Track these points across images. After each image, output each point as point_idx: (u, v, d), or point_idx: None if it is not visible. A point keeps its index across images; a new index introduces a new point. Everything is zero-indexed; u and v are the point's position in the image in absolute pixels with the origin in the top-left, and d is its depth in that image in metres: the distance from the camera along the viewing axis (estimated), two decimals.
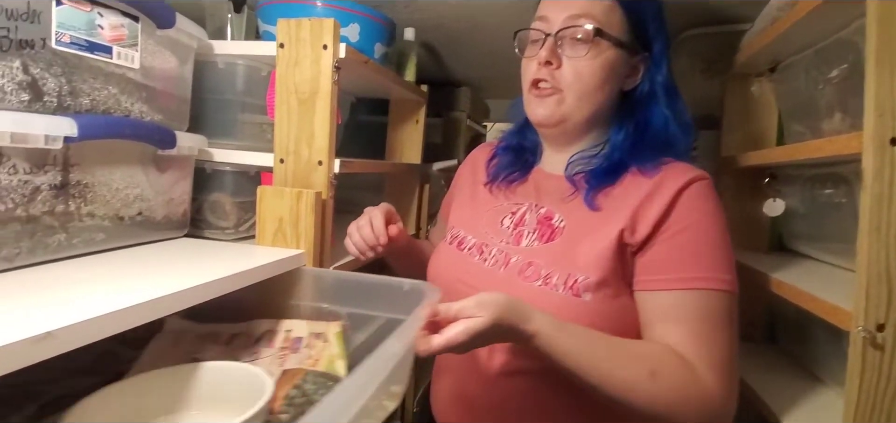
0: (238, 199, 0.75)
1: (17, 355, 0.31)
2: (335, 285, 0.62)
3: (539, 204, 0.64)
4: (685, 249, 0.54)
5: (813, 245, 0.80)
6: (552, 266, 0.57)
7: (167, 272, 0.50)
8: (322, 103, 0.68)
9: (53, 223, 0.48)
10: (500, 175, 0.69)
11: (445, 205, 0.81)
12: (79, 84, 0.51)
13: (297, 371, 0.51)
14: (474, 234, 0.66)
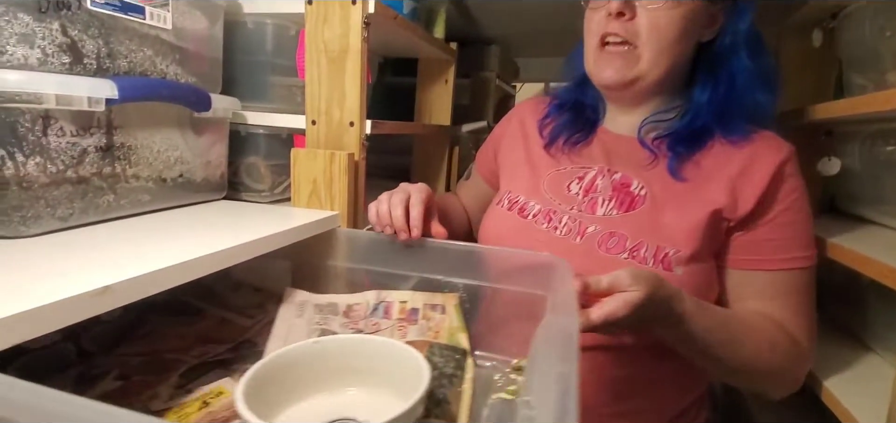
0: (272, 162, 0.76)
1: (80, 307, 0.32)
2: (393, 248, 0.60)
3: (612, 169, 0.60)
4: (787, 230, 0.54)
5: (870, 207, 0.76)
6: (639, 237, 0.54)
7: (212, 231, 0.51)
8: (352, 62, 0.67)
9: (102, 184, 0.50)
10: (561, 136, 0.65)
11: (485, 160, 0.77)
12: (115, 46, 0.52)
13: (421, 343, 0.51)
14: (538, 199, 0.62)
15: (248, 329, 0.56)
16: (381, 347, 0.45)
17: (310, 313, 0.56)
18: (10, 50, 0.43)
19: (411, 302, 0.57)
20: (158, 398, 0.43)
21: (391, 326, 0.55)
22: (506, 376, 0.52)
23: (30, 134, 0.43)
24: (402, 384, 0.40)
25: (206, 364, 0.48)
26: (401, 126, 0.83)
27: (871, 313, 0.71)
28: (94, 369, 0.46)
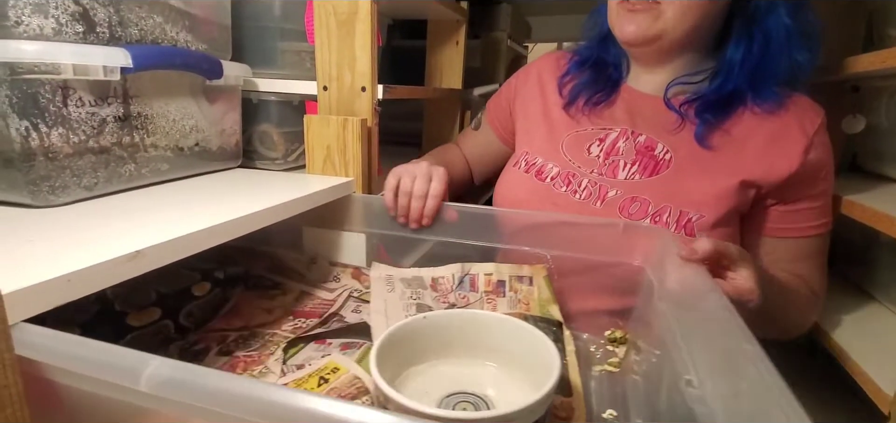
0: (284, 129, 0.77)
1: (111, 272, 0.34)
2: None
3: (636, 131, 0.59)
4: (820, 199, 0.56)
5: (894, 165, 0.75)
6: (662, 202, 0.54)
7: (232, 198, 0.53)
8: (362, 25, 0.67)
9: (123, 154, 0.52)
10: (582, 96, 0.63)
11: (498, 113, 0.76)
12: (126, 14, 0.52)
13: (514, 316, 0.50)
14: (556, 161, 0.61)
15: (332, 303, 0.56)
16: (512, 327, 0.43)
17: (400, 287, 0.56)
18: (25, 20, 0.44)
19: (497, 274, 0.56)
20: (270, 372, 0.44)
21: (480, 298, 0.55)
22: (602, 348, 0.52)
23: (51, 105, 0.44)
24: (530, 368, 0.40)
25: (302, 338, 0.49)
26: (412, 90, 0.82)
27: (884, 270, 0.71)
28: (194, 344, 0.48)
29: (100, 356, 0.26)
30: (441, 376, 0.43)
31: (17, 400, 0.27)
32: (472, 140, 0.81)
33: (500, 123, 0.76)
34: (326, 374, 0.43)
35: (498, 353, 0.44)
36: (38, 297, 0.29)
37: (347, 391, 0.41)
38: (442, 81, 1.05)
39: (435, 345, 0.44)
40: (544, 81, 0.69)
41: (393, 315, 0.51)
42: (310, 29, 0.73)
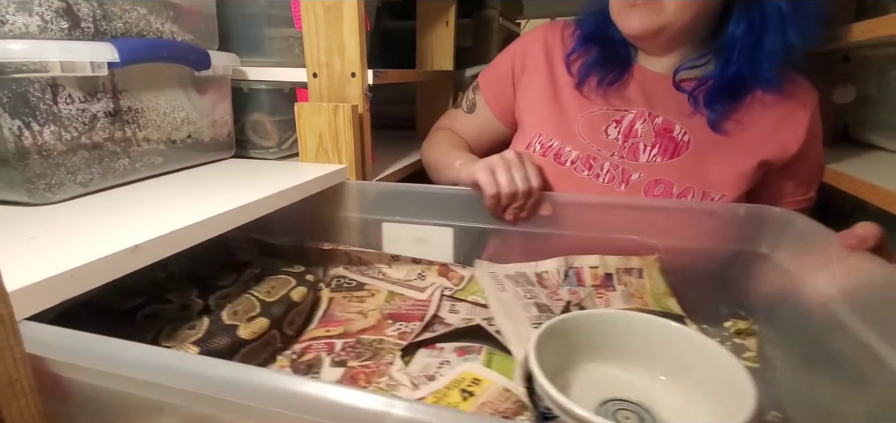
0: (276, 117, 0.77)
1: (112, 267, 0.35)
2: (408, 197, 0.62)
3: (653, 113, 0.60)
4: (816, 172, 0.62)
5: (883, 134, 0.76)
6: (686, 183, 0.56)
7: (228, 189, 0.54)
8: (349, 9, 0.67)
9: (116, 149, 0.52)
10: (593, 76, 0.62)
11: (498, 90, 0.71)
12: (109, 7, 0.52)
13: (632, 310, 0.49)
14: (574, 145, 0.61)
15: (426, 303, 0.55)
16: (696, 343, 0.40)
17: (510, 286, 0.54)
18: (10, 19, 0.44)
19: (603, 267, 0.55)
20: (400, 384, 0.42)
21: (589, 293, 0.54)
22: (729, 340, 0.50)
23: (41, 103, 0.45)
24: (708, 386, 0.37)
25: (414, 345, 0.48)
26: (403, 74, 0.82)
27: None
28: (302, 355, 0.47)
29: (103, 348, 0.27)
30: (599, 379, 0.41)
31: (28, 392, 0.28)
32: (467, 123, 0.76)
33: (500, 101, 0.72)
34: (468, 386, 0.41)
35: (666, 363, 0.41)
36: (43, 293, 0.30)
37: (505, 407, 0.38)
38: (433, 63, 1.05)
39: (592, 345, 0.42)
40: (552, 55, 0.67)
41: (514, 316, 0.49)
42: (297, 15, 0.73)
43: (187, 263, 0.53)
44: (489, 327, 0.48)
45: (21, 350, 0.28)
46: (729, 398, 0.35)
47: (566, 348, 0.41)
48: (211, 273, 0.53)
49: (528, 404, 0.37)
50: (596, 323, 0.43)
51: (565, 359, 0.41)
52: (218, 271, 0.53)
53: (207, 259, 0.54)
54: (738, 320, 0.52)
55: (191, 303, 0.46)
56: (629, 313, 0.45)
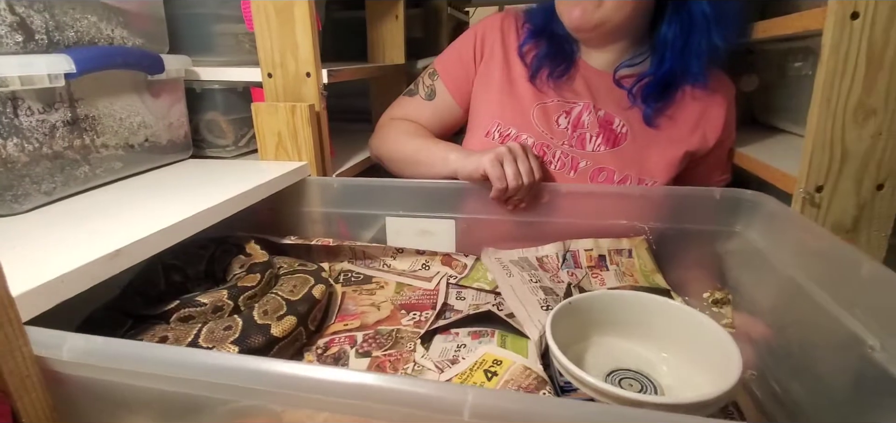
0: (231, 116, 0.80)
1: (96, 271, 0.39)
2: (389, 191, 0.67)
3: (597, 106, 0.67)
4: (728, 154, 0.71)
5: (782, 117, 0.89)
6: (625, 170, 0.65)
7: (195, 190, 0.57)
8: (300, 11, 0.70)
9: (76, 157, 0.54)
10: (544, 69, 0.69)
11: (460, 76, 0.74)
12: (61, 17, 0.54)
13: (624, 289, 0.56)
14: (530, 132, 0.67)
15: (435, 292, 0.59)
16: (689, 317, 0.46)
17: (516, 272, 0.58)
18: None
19: (596, 249, 0.61)
20: (427, 369, 0.45)
21: (585, 275, 0.59)
22: (708, 309, 0.57)
23: (3, 117, 0.47)
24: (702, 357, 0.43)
25: (430, 332, 0.52)
26: (357, 71, 0.87)
27: None
28: (327, 349, 0.50)
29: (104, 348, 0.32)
30: (606, 351, 0.47)
31: (38, 387, 0.32)
32: (426, 110, 0.76)
33: (460, 86, 0.74)
34: (490, 367, 0.44)
35: (663, 335, 0.47)
36: (39, 298, 0.34)
37: (527, 384, 0.42)
38: (385, 56, 1.10)
39: (599, 322, 0.48)
40: (508, 45, 0.72)
41: (525, 299, 0.53)
42: (248, 15, 0.76)
43: (205, 264, 0.56)
44: (499, 311, 0.53)
45: (29, 350, 0.32)
46: (718, 363, 0.41)
47: (577, 326, 0.47)
48: (230, 273, 0.56)
49: (547, 378, 0.42)
50: (602, 303, 0.49)
51: (577, 335, 0.47)
52: (237, 271, 0.56)
53: (221, 259, 0.58)
54: (715, 291, 0.60)
55: (223, 304, 0.49)
56: (630, 293, 0.51)
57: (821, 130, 0.57)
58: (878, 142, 0.55)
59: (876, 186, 0.57)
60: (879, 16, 0.52)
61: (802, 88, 0.79)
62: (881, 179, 0.56)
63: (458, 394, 0.25)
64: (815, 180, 0.58)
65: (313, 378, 0.29)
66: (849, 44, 0.53)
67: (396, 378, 0.28)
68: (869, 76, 0.53)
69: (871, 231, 0.59)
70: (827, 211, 0.59)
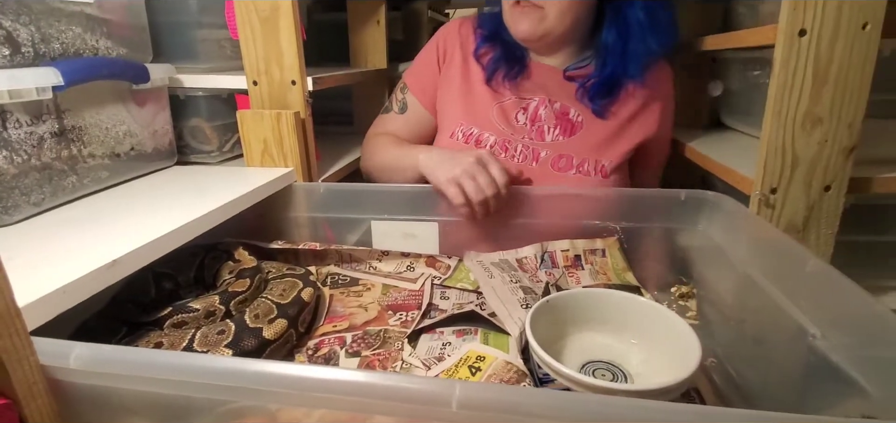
0: (215, 122, 0.81)
1: (95, 281, 0.41)
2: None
3: (552, 99, 0.72)
4: (669, 134, 0.78)
5: (742, 121, 0.95)
6: (582, 155, 0.70)
7: (184, 198, 0.58)
8: (285, 20, 0.72)
9: (64, 167, 0.55)
10: (500, 71, 0.73)
11: (427, 86, 0.78)
12: (46, 29, 0.55)
13: (598, 286, 0.59)
14: (491, 130, 0.72)
15: (420, 293, 0.61)
16: (655, 312, 0.51)
17: (496, 273, 0.61)
18: None
19: (573, 249, 0.64)
20: (414, 367, 0.47)
21: (562, 274, 0.63)
22: (675, 303, 0.61)
23: None
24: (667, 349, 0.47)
25: (417, 331, 0.54)
26: (341, 77, 0.89)
27: None
28: (317, 350, 0.51)
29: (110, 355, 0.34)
30: (582, 345, 0.51)
31: (44, 394, 0.34)
32: (401, 124, 0.81)
33: (428, 93, 0.79)
34: (474, 363, 0.47)
35: (633, 329, 0.51)
36: (43, 308, 0.36)
37: (508, 377, 0.44)
38: (367, 61, 1.11)
39: (576, 319, 0.51)
40: (466, 50, 0.77)
41: (506, 299, 0.56)
42: (231, 23, 0.77)
43: (195, 271, 0.58)
44: (482, 310, 0.57)
45: (35, 359, 0.33)
46: (680, 353, 0.46)
47: (554, 323, 0.50)
48: (219, 279, 0.58)
49: (527, 371, 0.45)
50: (578, 300, 0.53)
51: (554, 331, 0.50)
52: (226, 277, 0.57)
53: (211, 265, 0.59)
54: (681, 286, 0.64)
55: (215, 309, 0.51)
56: (603, 291, 0.55)
57: (773, 137, 0.62)
58: (825, 148, 0.60)
59: (823, 188, 0.62)
60: (824, 33, 0.57)
61: (760, 94, 0.85)
62: (828, 181, 0.62)
63: (446, 388, 0.28)
64: (770, 183, 0.64)
65: (309, 378, 0.32)
66: (797, 59, 0.58)
67: (388, 375, 0.31)
68: (815, 88, 0.59)
69: (820, 229, 0.64)
70: (781, 211, 0.65)
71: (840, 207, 0.63)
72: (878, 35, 0.55)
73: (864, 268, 0.72)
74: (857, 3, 0.55)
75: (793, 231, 0.64)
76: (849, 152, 0.60)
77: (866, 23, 0.55)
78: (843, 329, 0.40)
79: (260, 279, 0.58)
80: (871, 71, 0.57)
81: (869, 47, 0.56)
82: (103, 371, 0.33)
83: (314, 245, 0.68)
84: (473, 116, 0.74)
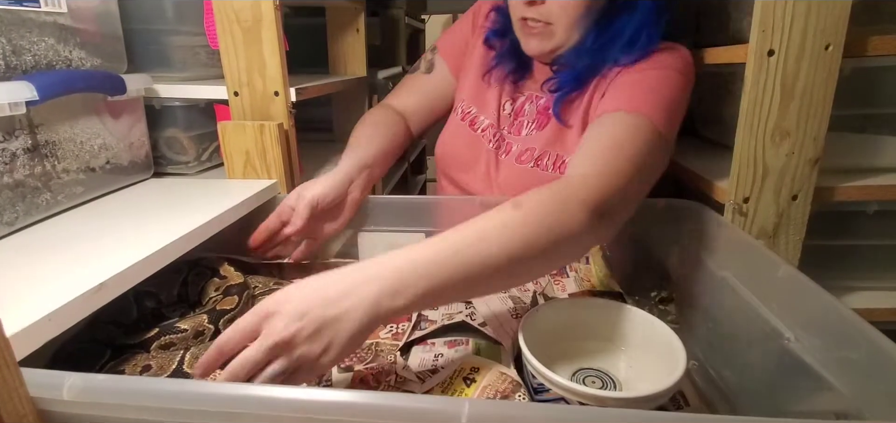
0: (192, 132, 0.79)
1: (81, 306, 0.40)
2: None
3: (539, 96, 0.73)
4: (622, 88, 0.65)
5: (717, 131, 1.00)
6: (545, 149, 0.69)
7: (167, 214, 0.57)
8: (268, 31, 0.71)
9: (37, 184, 0.53)
10: (504, 65, 0.74)
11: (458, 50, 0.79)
12: (18, 41, 0.53)
13: (582, 293, 0.60)
14: (486, 114, 0.74)
15: None
16: (641, 319, 0.52)
17: None
18: None
19: None
20: (409, 381, 0.47)
21: (549, 282, 0.63)
22: (656, 307, 0.63)
23: None
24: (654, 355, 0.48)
25: (408, 344, 0.53)
26: (323, 87, 0.88)
27: None
28: None
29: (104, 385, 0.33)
30: (572, 353, 0.52)
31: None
32: (423, 85, 0.81)
33: (457, 59, 0.79)
34: (469, 374, 0.47)
35: (621, 336, 0.53)
36: (30, 337, 0.35)
37: (504, 387, 0.45)
38: (346, 69, 1.11)
39: (567, 326, 0.53)
40: (483, 33, 0.78)
41: (495, 309, 0.57)
42: (210, 33, 0.76)
43: (178, 289, 0.56)
44: (472, 321, 0.57)
45: (25, 391, 0.32)
46: (667, 359, 0.47)
47: (545, 332, 0.51)
48: (205, 296, 0.56)
49: (520, 382, 0.45)
50: (566, 309, 0.54)
51: (544, 339, 0.50)
52: (212, 294, 0.56)
53: (195, 282, 0.58)
54: (661, 291, 0.66)
55: (203, 329, 0.50)
56: (591, 299, 0.56)
57: (745, 149, 0.66)
58: (792, 159, 0.65)
59: (791, 197, 0.66)
60: (791, 53, 0.61)
61: (729, 105, 0.89)
62: (795, 191, 0.66)
63: (456, 406, 0.29)
64: (743, 193, 0.68)
65: (313, 401, 0.32)
66: (766, 76, 0.62)
67: (395, 396, 0.31)
68: (783, 104, 0.63)
69: (788, 235, 0.69)
70: (753, 219, 0.69)
71: (807, 214, 0.67)
72: (839, 55, 0.60)
73: (830, 270, 0.77)
74: (821, 27, 0.59)
75: (764, 237, 0.69)
76: (814, 163, 0.64)
77: (829, 44, 0.60)
78: (814, 332, 0.43)
79: (248, 296, 0.57)
80: (834, 88, 0.61)
81: (831, 66, 0.60)
82: (98, 401, 0.32)
83: (300, 258, 0.68)
84: (477, 95, 0.76)
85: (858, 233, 0.76)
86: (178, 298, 0.58)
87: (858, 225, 0.75)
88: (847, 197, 0.70)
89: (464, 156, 0.74)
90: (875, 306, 0.74)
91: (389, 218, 0.70)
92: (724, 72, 0.91)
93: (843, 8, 0.59)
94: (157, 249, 0.46)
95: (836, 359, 0.41)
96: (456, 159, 0.75)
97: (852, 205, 0.73)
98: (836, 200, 0.70)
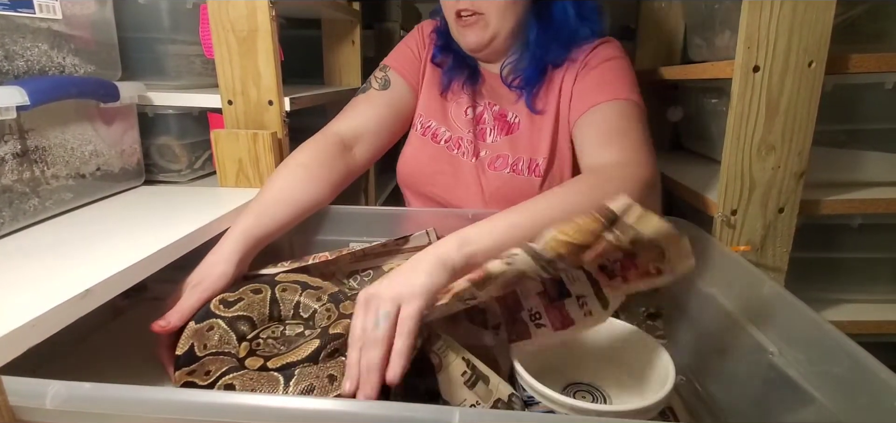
0: (185, 140, 0.79)
1: (66, 313, 0.39)
2: None
3: (492, 103, 0.75)
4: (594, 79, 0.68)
5: (701, 144, 1.01)
6: (517, 154, 0.71)
7: (159, 221, 0.56)
8: (263, 42, 0.71)
9: (25, 190, 0.52)
10: (455, 81, 0.77)
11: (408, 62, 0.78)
12: (10, 46, 0.52)
13: None
14: (446, 126, 0.76)
15: None
16: (630, 334, 0.53)
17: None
18: None
19: None
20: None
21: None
22: (644, 322, 0.63)
23: None
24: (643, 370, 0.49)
25: None
26: (317, 97, 0.88)
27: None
28: None
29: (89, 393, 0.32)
30: (564, 368, 0.52)
31: None
32: (379, 102, 0.75)
33: (412, 72, 0.78)
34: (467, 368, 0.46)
35: (611, 351, 0.54)
36: (11, 344, 0.34)
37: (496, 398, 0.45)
38: (341, 80, 1.12)
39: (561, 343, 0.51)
40: (430, 52, 0.80)
41: None
42: (206, 42, 0.75)
43: (268, 307, 0.54)
44: None
45: (4, 399, 0.31)
46: (655, 373, 0.48)
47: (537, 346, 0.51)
48: (305, 311, 0.55)
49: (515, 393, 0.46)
50: None
51: (537, 355, 0.51)
52: (315, 307, 0.54)
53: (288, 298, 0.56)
54: (649, 306, 0.67)
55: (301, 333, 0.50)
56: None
57: (732, 163, 0.67)
58: (778, 173, 0.65)
59: (778, 210, 0.67)
60: (775, 69, 0.62)
61: (717, 120, 0.90)
62: (781, 203, 0.67)
63: (446, 415, 0.29)
64: (730, 205, 0.68)
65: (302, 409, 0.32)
66: (752, 92, 0.63)
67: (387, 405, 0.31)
68: (768, 119, 0.64)
69: (775, 247, 0.69)
70: (740, 231, 0.69)
71: (793, 226, 0.68)
72: (822, 72, 0.61)
73: (816, 282, 0.78)
74: (804, 44, 0.60)
75: (752, 249, 0.69)
76: (799, 177, 0.65)
77: (812, 61, 0.61)
78: (798, 347, 0.44)
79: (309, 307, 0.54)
80: (817, 103, 0.62)
81: (814, 82, 0.61)
82: (82, 411, 0.32)
83: (325, 256, 0.63)
84: (435, 110, 0.77)
85: (844, 246, 0.77)
86: (268, 316, 0.53)
87: (844, 238, 0.76)
88: (832, 210, 0.70)
89: (429, 169, 0.75)
90: (860, 318, 0.75)
91: (382, 229, 0.69)
92: (708, 87, 0.92)
93: (825, 26, 0.60)
94: (144, 256, 0.45)
95: (820, 373, 0.41)
96: (423, 174, 0.76)
97: (838, 218, 0.74)
98: (821, 213, 0.70)
